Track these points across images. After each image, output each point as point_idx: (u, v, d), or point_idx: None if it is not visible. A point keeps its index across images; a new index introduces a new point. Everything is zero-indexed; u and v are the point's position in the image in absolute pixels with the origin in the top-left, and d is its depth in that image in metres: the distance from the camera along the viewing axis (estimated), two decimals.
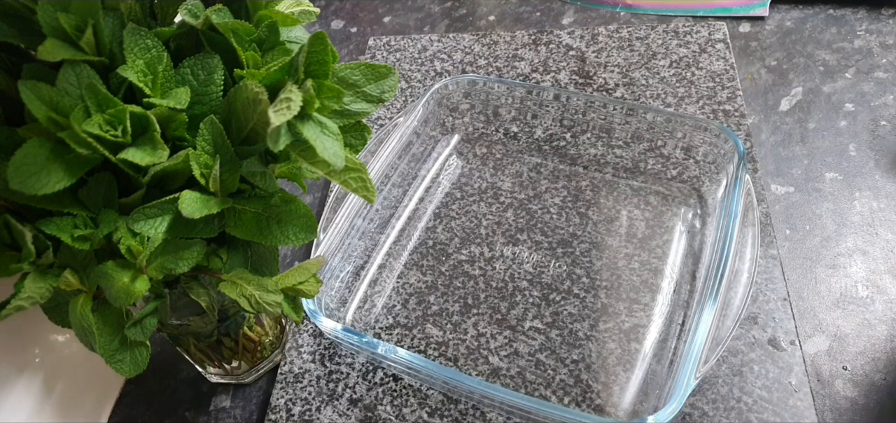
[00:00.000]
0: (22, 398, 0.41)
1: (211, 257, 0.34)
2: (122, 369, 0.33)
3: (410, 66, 0.70)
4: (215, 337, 0.44)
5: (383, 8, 0.80)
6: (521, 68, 0.67)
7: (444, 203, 0.56)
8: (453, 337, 0.48)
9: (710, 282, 0.43)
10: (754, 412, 0.41)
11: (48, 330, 0.44)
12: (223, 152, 0.31)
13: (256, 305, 0.33)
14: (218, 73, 0.32)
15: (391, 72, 0.33)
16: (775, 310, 0.45)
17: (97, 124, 0.28)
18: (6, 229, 0.30)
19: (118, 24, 0.31)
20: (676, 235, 0.51)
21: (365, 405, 0.45)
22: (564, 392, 0.44)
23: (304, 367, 0.48)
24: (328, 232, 0.49)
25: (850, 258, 0.48)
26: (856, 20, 0.65)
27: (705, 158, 0.52)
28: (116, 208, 0.31)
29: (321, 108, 0.29)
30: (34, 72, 0.29)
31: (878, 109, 0.57)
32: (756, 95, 0.61)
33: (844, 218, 0.51)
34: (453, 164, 0.59)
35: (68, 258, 0.31)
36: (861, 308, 0.46)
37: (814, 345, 0.44)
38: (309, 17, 0.36)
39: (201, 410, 0.48)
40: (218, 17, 0.32)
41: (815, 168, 0.54)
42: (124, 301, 0.30)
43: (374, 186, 0.32)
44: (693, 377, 0.37)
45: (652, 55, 0.65)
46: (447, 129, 0.61)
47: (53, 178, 0.27)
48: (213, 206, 0.31)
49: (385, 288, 0.51)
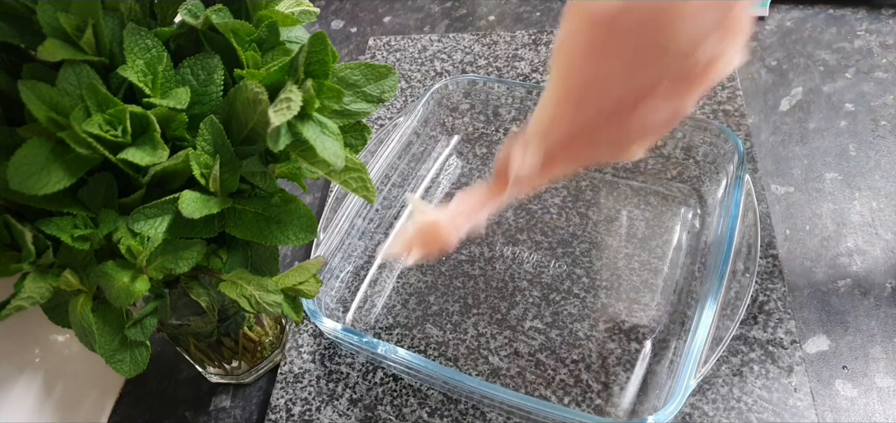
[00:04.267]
0: (22, 398, 0.41)
1: (211, 257, 0.34)
2: (122, 369, 0.33)
3: (410, 66, 0.70)
4: (215, 337, 0.44)
5: (383, 8, 0.80)
6: (521, 68, 0.67)
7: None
8: (453, 337, 0.48)
9: (710, 282, 0.43)
10: (754, 412, 0.41)
11: (48, 330, 0.44)
12: (223, 152, 0.31)
13: (256, 305, 0.33)
14: (218, 73, 0.32)
15: (391, 72, 0.33)
16: (775, 310, 0.46)
17: (97, 124, 0.28)
18: (6, 229, 0.30)
19: (118, 24, 0.31)
20: (676, 235, 0.51)
21: (365, 405, 0.45)
22: (564, 392, 0.44)
23: (304, 367, 0.48)
24: (328, 232, 0.49)
25: (850, 258, 0.48)
26: (856, 20, 0.65)
27: (705, 158, 0.52)
28: (116, 208, 0.31)
29: (321, 108, 0.29)
30: (34, 72, 0.29)
31: (878, 109, 0.57)
32: (756, 95, 0.61)
33: (844, 218, 0.51)
34: (453, 164, 0.59)
35: (68, 258, 0.31)
36: (861, 308, 0.46)
37: (814, 345, 0.44)
38: (309, 17, 0.36)
39: (201, 410, 0.48)
40: (218, 17, 0.32)
41: (815, 168, 0.54)
42: (124, 301, 0.30)
43: (374, 186, 0.32)
44: (693, 377, 0.37)
45: None
46: (447, 129, 0.61)
47: (53, 178, 0.27)
48: (213, 206, 0.31)
49: (385, 288, 0.51)
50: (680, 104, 0.33)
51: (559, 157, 0.35)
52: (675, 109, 0.33)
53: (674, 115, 0.34)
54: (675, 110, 0.33)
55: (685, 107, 0.33)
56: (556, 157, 0.35)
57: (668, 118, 0.34)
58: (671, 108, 0.33)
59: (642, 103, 0.33)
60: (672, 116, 0.34)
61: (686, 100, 0.33)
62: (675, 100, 0.33)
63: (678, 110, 0.33)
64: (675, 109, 0.33)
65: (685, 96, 0.33)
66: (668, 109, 0.33)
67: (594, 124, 0.34)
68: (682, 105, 0.33)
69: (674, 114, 0.34)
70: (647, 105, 0.33)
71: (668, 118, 0.34)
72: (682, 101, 0.33)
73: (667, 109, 0.33)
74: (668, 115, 0.34)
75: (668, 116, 0.34)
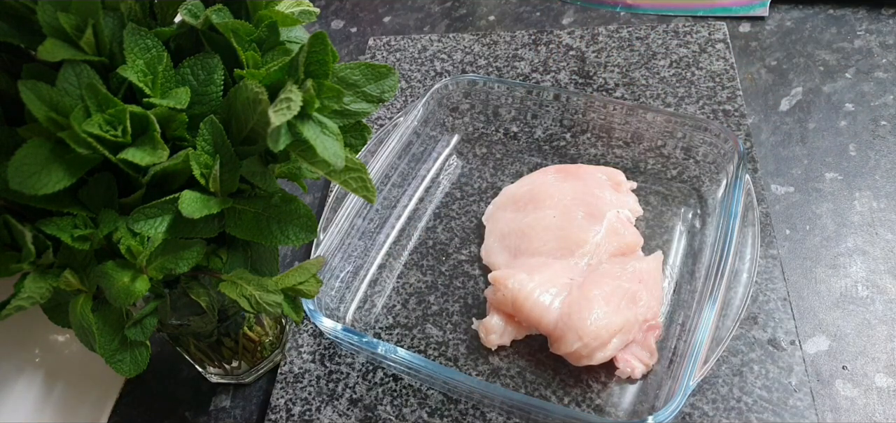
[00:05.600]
0: (22, 398, 0.41)
1: (211, 257, 0.34)
2: (122, 369, 0.33)
3: (410, 66, 0.70)
4: (215, 337, 0.44)
5: (383, 8, 0.80)
6: (521, 68, 0.67)
7: (444, 203, 0.56)
8: (453, 337, 0.48)
9: (710, 282, 0.43)
10: (754, 412, 0.41)
11: (48, 330, 0.44)
12: (223, 152, 0.31)
13: (256, 305, 0.33)
14: (218, 73, 0.32)
15: (391, 72, 0.33)
16: (775, 310, 0.45)
17: (97, 124, 0.28)
18: (6, 229, 0.30)
19: (118, 24, 0.31)
20: (676, 235, 0.51)
21: (365, 405, 0.45)
22: (564, 392, 0.44)
23: (304, 367, 0.48)
24: (328, 232, 0.49)
25: (850, 258, 0.48)
26: (856, 20, 0.65)
27: (705, 158, 0.52)
28: (116, 208, 0.31)
29: (321, 108, 0.29)
30: (34, 72, 0.29)
31: (878, 109, 0.57)
32: (756, 95, 0.61)
33: (844, 218, 0.51)
34: (453, 164, 0.59)
35: (68, 258, 0.31)
36: (861, 308, 0.46)
37: (814, 345, 0.44)
38: (309, 17, 0.36)
39: (201, 410, 0.48)
40: (218, 17, 0.32)
41: (815, 168, 0.54)
42: (124, 301, 0.30)
43: (374, 186, 0.32)
44: (693, 377, 0.37)
45: (652, 55, 0.65)
46: (447, 129, 0.61)
47: (53, 178, 0.27)
48: (213, 206, 0.31)
49: (385, 288, 0.51)
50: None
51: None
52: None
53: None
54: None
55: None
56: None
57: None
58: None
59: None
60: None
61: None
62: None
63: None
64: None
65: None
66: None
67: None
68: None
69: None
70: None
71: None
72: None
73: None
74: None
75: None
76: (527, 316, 0.44)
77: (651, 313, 0.44)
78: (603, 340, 0.41)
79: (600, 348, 0.42)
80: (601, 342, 0.41)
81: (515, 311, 0.45)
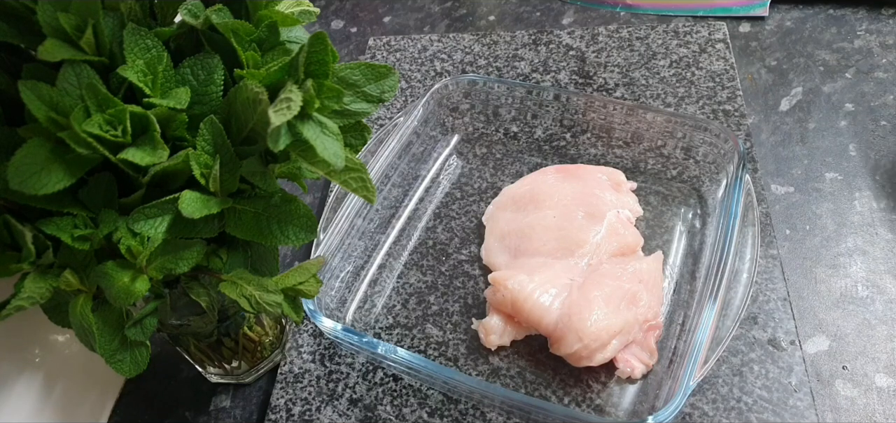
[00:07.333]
0: (22, 398, 0.41)
1: (211, 257, 0.34)
2: (122, 369, 0.33)
3: (410, 66, 0.70)
4: (215, 337, 0.44)
5: (383, 8, 0.80)
6: (521, 68, 0.67)
7: (444, 203, 0.56)
8: (453, 337, 0.48)
9: (710, 282, 0.43)
10: (754, 412, 0.41)
11: (48, 330, 0.44)
12: (223, 152, 0.31)
13: (256, 305, 0.33)
14: (218, 73, 0.32)
15: (391, 72, 0.33)
16: (775, 310, 0.45)
17: (97, 124, 0.28)
18: (6, 229, 0.30)
19: (118, 24, 0.31)
20: (676, 235, 0.51)
21: (365, 405, 0.45)
22: (564, 392, 0.44)
23: (304, 367, 0.48)
24: (328, 232, 0.49)
25: (850, 258, 0.48)
26: (856, 20, 0.65)
27: (705, 158, 0.52)
28: (116, 208, 0.31)
29: (321, 108, 0.29)
30: (34, 72, 0.29)
31: (878, 109, 0.57)
32: (756, 95, 0.61)
33: (844, 218, 0.51)
34: (453, 164, 0.59)
35: (68, 258, 0.31)
36: (861, 308, 0.46)
37: (814, 345, 0.44)
38: (309, 17, 0.36)
39: (201, 410, 0.48)
40: (218, 17, 0.32)
41: (815, 168, 0.54)
42: (124, 301, 0.30)
43: (374, 186, 0.32)
44: (693, 377, 0.37)
45: (652, 55, 0.65)
46: (447, 129, 0.61)
47: (53, 178, 0.27)
48: (213, 206, 0.31)
49: (385, 288, 0.51)
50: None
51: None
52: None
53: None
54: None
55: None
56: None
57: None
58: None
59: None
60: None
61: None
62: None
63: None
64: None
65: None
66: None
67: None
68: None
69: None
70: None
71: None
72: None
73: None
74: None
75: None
76: (527, 317, 0.44)
77: (651, 314, 0.43)
78: (603, 341, 0.41)
79: (600, 349, 0.41)
80: (601, 344, 0.41)
81: (515, 312, 0.45)
